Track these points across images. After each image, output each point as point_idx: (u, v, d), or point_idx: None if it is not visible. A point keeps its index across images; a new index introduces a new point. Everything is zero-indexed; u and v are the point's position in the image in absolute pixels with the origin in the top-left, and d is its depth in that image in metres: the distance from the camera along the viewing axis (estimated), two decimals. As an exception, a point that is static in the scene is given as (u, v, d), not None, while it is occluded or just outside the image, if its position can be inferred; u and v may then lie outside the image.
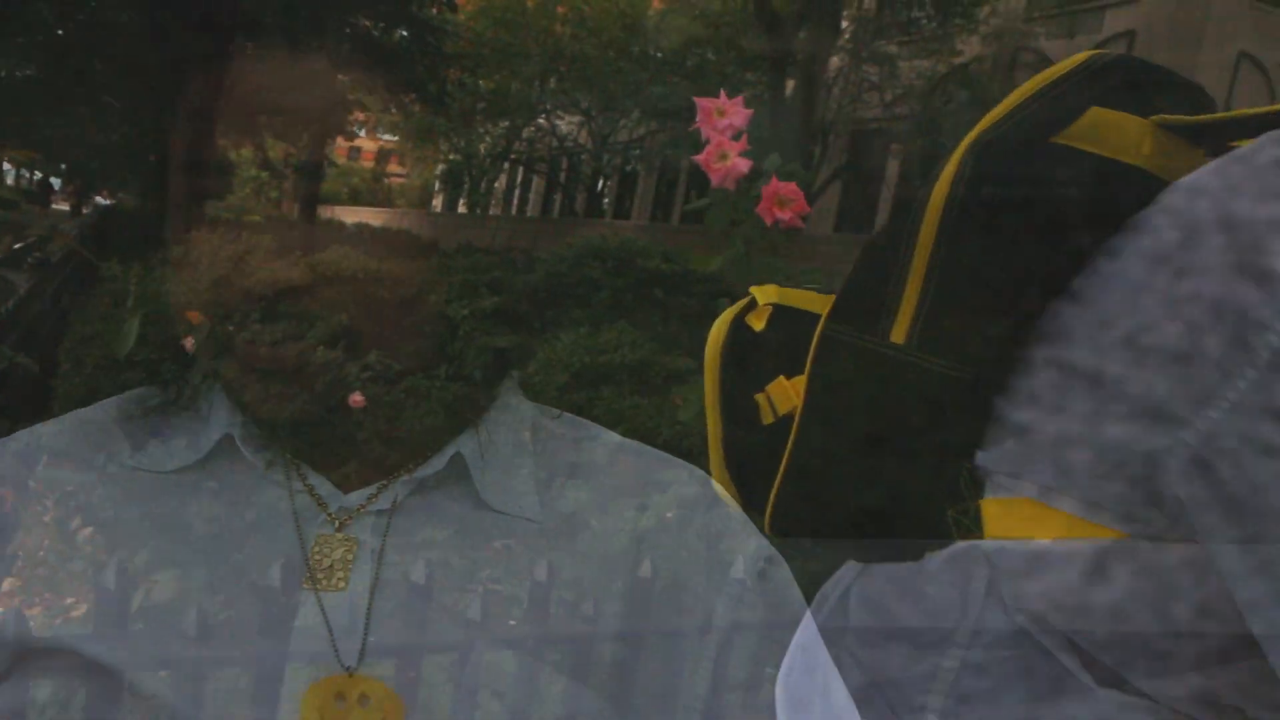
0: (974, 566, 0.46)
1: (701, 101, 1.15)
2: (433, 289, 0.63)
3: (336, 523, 0.59)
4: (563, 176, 19.39)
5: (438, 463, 0.61)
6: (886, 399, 0.46)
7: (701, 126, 1.16)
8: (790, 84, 10.90)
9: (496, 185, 20.84)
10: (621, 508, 0.62)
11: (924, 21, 12.71)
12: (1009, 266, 0.45)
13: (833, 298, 0.52)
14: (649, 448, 0.67)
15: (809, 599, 0.61)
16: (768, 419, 0.54)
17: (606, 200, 18.80)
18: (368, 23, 10.81)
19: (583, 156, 18.05)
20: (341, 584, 0.56)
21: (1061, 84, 0.48)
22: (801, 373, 0.50)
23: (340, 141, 0.85)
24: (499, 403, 0.65)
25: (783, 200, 1.14)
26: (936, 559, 0.46)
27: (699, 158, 1.14)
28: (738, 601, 0.60)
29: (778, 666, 0.58)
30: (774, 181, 1.14)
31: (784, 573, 0.62)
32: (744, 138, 1.16)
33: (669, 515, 0.62)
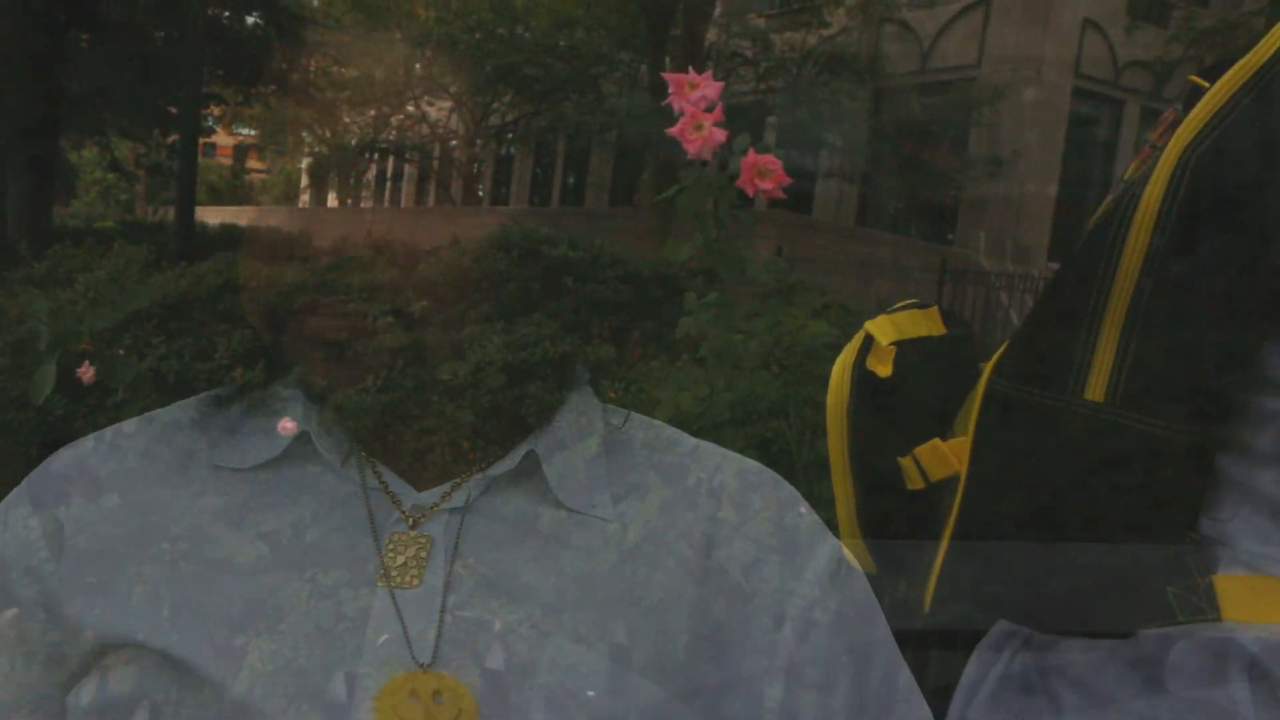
0: (1232, 663, 0.39)
1: (671, 77, 1.16)
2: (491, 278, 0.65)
3: (410, 520, 0.60)
4: (436, 164, 19.01)
5: (510, 461, 0.62)
6: (1080, 465, 0.41)
7: (673, 101, 1.17)
8: (667, 61, 10.96)
9: (367, 176, 20.24)
10: (693, 507, 0.63)
11: (791, -6, 12.97)
12: (1240, 302, 0.38)
13: (935, 310, 0.49)
14: (721, 448, 0.67)
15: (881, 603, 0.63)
16: (915, 484, 0.50)
17: (481, 187, 18.53)
18: (216, 10, 10.31)
19: (454, 143, 17.73)
20: (415, 581, 0.57)
21: (1272, 68, 0.41)
22: (954, 431, 0.45)
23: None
24: (570, 401, 0.66)
25: (762, 171, 1.14)
26: (1183, 648, 0.40)
27: (673, 130, 1.13)
28: (811, 604, 0.60)
29: (852, 669, 0.60)
30: (750, 153, 1.15)
31: (858, 575, 0.63)
32: (718, 109, 1.16)
33: (741, 516, 0.62)
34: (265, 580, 0.57)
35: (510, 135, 16.63)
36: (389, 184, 21.33)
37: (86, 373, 1.72)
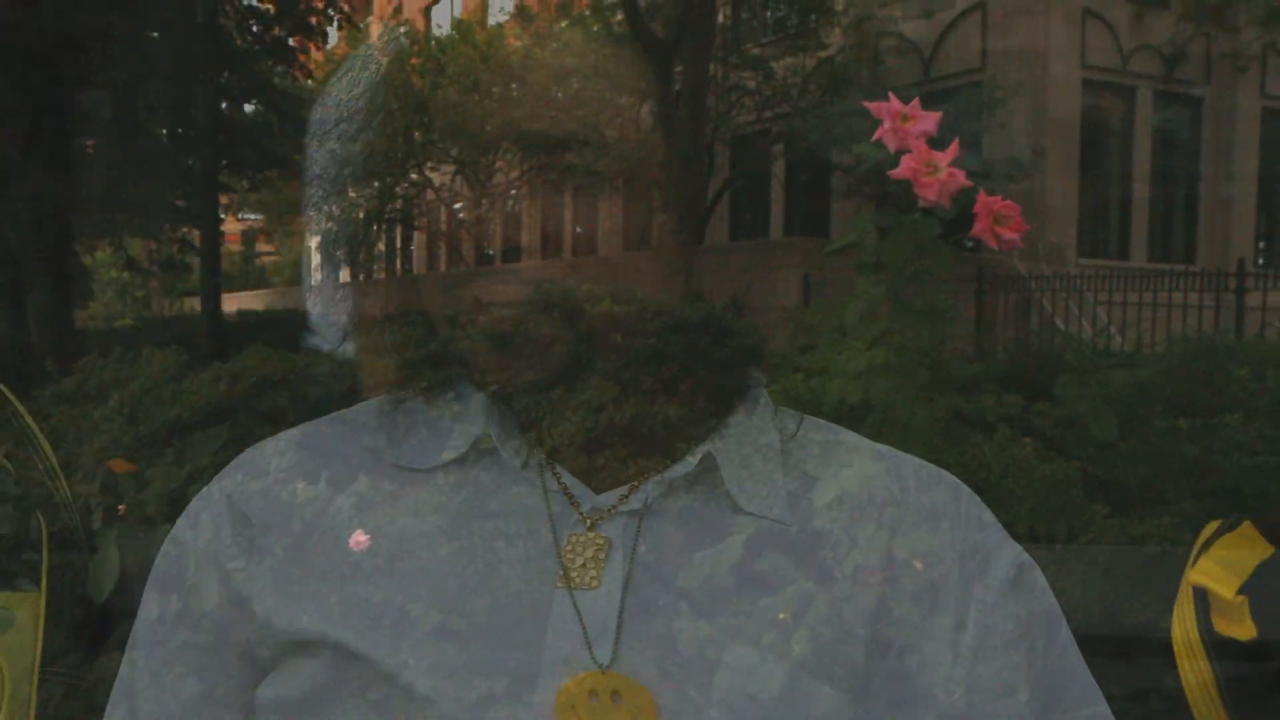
0: None
1: (880, 107, 1.01)
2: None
3: (588, 522, 0.61)
4: (444, 226, 19.23)
5: (688, 463, 0.63)
6: None
7: (886, 137, 1.01)
8: (679, 103, 11.08)
9: (378, 248, 20.56)
10: (872, 511, 0.63)
11: (788, 21, 13.11)
12: None
13: (1247, 524, 0.46)
14: (899, 452, 0.68)
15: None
16: None
17: (491, 246, 18.67)
18: (216, 101, 10.60)
19: (459, 205, 17.94)
20: (595, 582, 0.59)
21: None
22: None
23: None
24: (747, 403, 0.67)
25: (1000, 218, 0.99)
26: None
27: (899, 172, 0.97)
28: (991, 608, 0.61)
29: (1033, 676, 0.60)
30: (982, 196, 1.00)
31: (1039, 579, 0.63)
32: (955, 145, 1.00)
33: (920, 520, 0.63)
34: (446, 579, 0.59)
35: (514, 192, 16.82)
36: (399, 254, 21.63)
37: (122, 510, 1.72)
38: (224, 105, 11.70)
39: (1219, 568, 0.58)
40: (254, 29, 11.11)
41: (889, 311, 1.16)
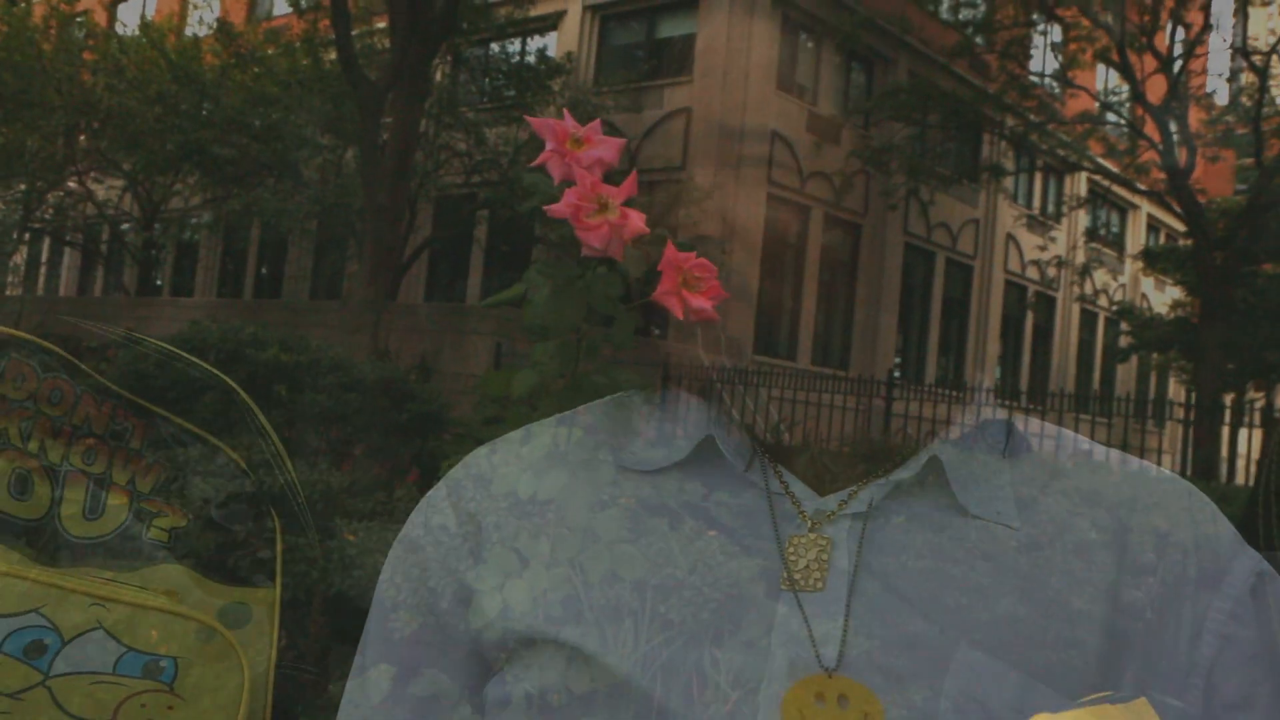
0: None
1: (544, 123, 0.79)
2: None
3: (810, 524, 0.61)
4: (104, 248, 17.33)
5: (913, 466, 0.62)
6: None
7: (550, 162, 0.80)
8: (384, 152, 10.85)
9: (15, 260, 18.05)
10: (1102, 518, 0.61)
11: (505, 90, 13.41)
12: None
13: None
14: (1131, 456, 0.65)
15: None
16: None
17: (159, 277, 17.11)
18: None
19: (125, 225, 16.31)
20: (819, 584, 0.58)
21: None
22: None
23: None
24: (971, 406, 0.67)
25: (691, 280, 0.79)
26: None
27: (558, 210, 0.76)
28: (1229, 617, 0.59)
29: (1273, 686, 0.58)
30: (670, 249, 0.79)
31: (1278, 587, 0.61)
32: (632, 180, 0.80)
33: (1152, 527, 0.61)
34: (671, 580, 0.59)
35: (195, 220, 15.59)
36: (43, 269, 19.12)
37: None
38: None
39: None
40: None
41: (564, 388, 0.98)
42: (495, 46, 14.26)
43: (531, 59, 14.07)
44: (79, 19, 15.98)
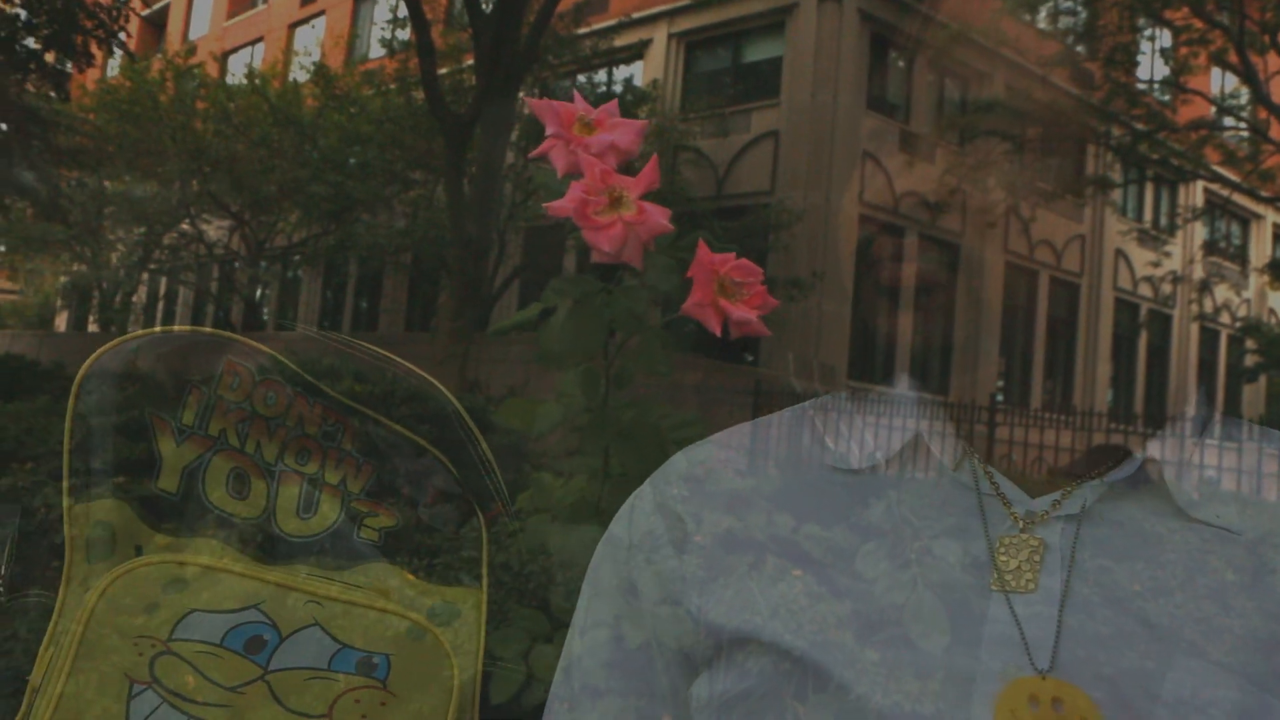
0: None
1: (540, 104, 0.67)
2: None
3: (1021, 524, 0.61)
4: (214, 286, 18.17)
5: (1129, 467, 0.61)
6: None
7: (554, 153, 0.66)
8: (465, 184, 11.12)
9: (135, 299, 19.07)
10: None
11: (590, 120, 13.59)
12: None
13: None
14: None
15: None
16: None
17: (265, 312, 17.82)
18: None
19: (235, 263, 17.06)
20: (1031, 585, 0.58)
21: None
22: None
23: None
24: (1195, 406, 0.65)
25: (729, 287, 0.64)
26: None
27: (559, 207, 0.64)
28: None
29: None
30: (703, 251, 0.64)
31: None
32: (652, 167, 0.65)
33: None
34: (878, 579, 0.59)
35: (298, 257, 16.20)
36: (160, 306, 20.14)
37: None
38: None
39: None
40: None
41: (594, 425, 0.84)
42: (582, 77, 14.49)
43: (619, 88, 14.26)
44: (194, 70, 16.89)
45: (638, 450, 0.83)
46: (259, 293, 17.41)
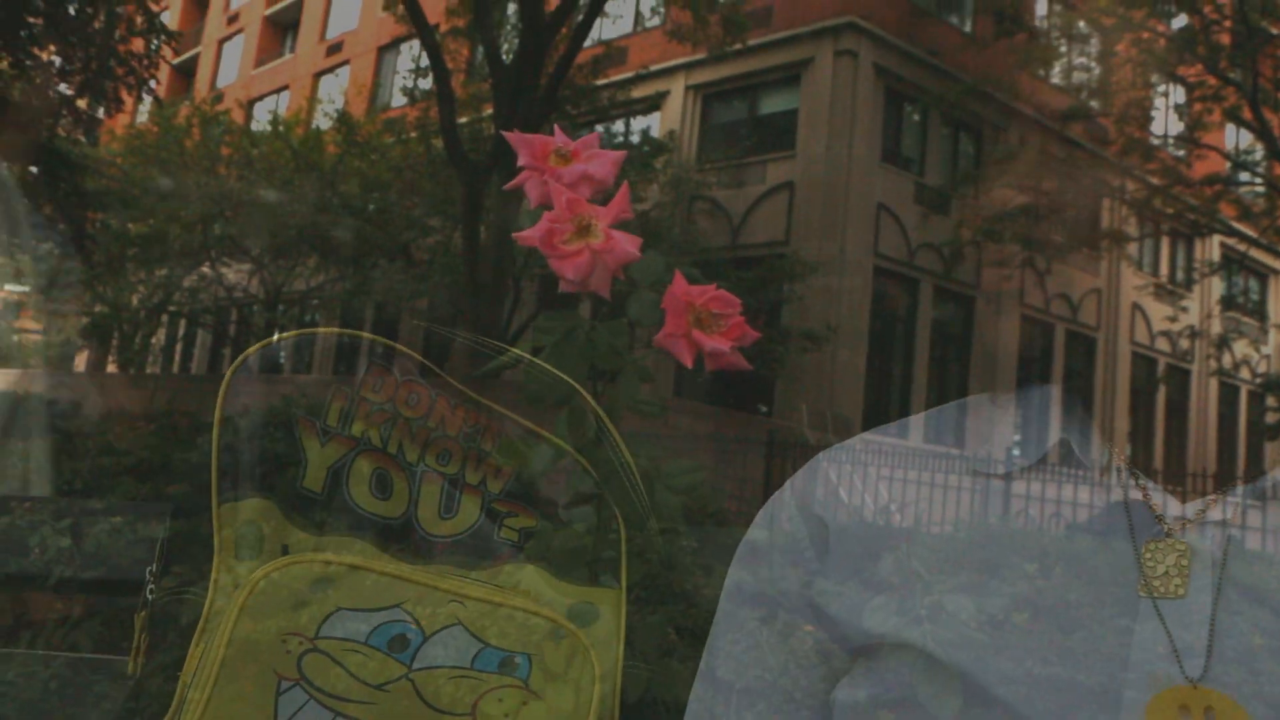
0: None
1: (515, 137, 0.65)
2: None
3: (1167, 529, 0.60)
4: (233, 329, 18.32)
5: (1277, 475, 0.61)
6: None
7: (528, 185, 0.65)
8: (481, 230, 11.23)
9: (154, 340, 19.23)
10: None
11: (607, 170, 13.72)
12: None
13: None
14: None
15: None
16: None
17: (281, 355, 17.94)
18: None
19: (254, 306, 17.22)
20: (1180, 591, 0.57)
21: None
22: None
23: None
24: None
25: (705, 319, 0.60)
26: None
27: (527, 236, 0.62)
28: None
29: None
30: (679, 281, 0.62)
31: None
32: (622, 196, 0.64)
33: None
34: (1026, 584, 0.59)
35: (316, 300, 16.34)
36: (178, 348, 20.29)
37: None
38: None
39: None
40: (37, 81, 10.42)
41: (581, 467, 0.81)
42: (600, 127, 14.67)
43: (635, 138, 14.42)
44: (220, 116, 17.22)
45: (625, 493, 0.79)
46: (275, 337, 17.51)
